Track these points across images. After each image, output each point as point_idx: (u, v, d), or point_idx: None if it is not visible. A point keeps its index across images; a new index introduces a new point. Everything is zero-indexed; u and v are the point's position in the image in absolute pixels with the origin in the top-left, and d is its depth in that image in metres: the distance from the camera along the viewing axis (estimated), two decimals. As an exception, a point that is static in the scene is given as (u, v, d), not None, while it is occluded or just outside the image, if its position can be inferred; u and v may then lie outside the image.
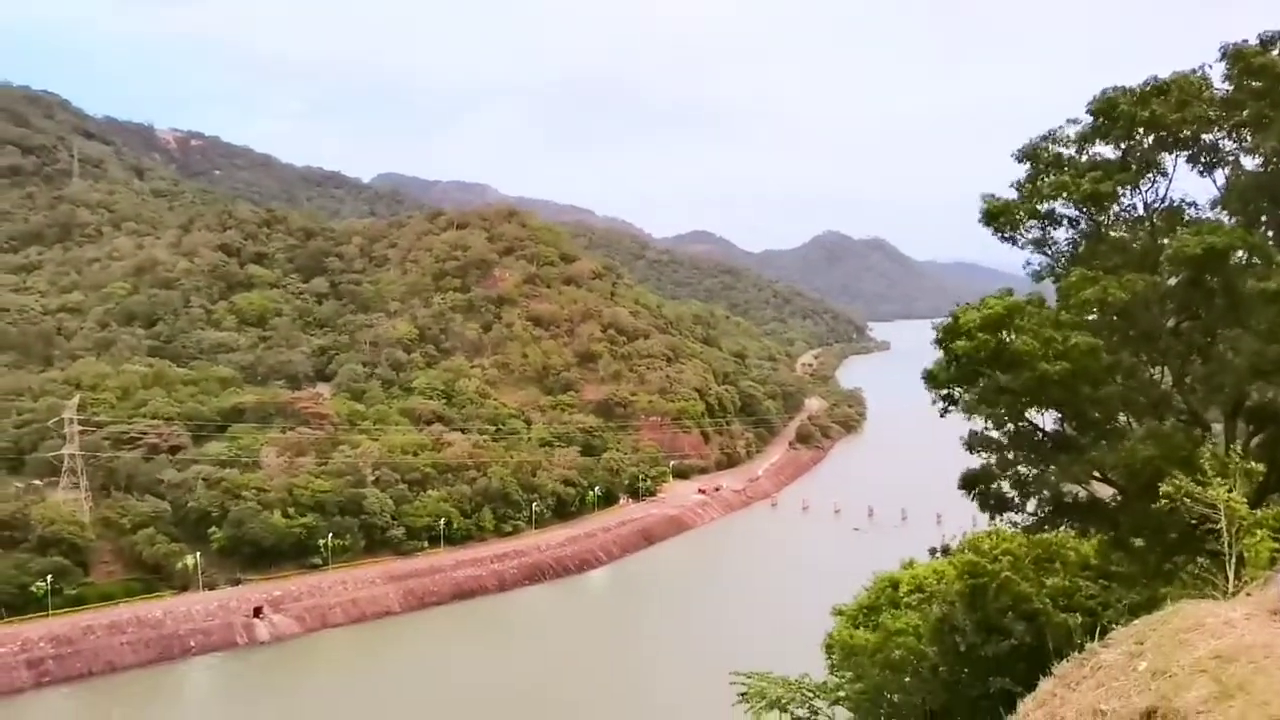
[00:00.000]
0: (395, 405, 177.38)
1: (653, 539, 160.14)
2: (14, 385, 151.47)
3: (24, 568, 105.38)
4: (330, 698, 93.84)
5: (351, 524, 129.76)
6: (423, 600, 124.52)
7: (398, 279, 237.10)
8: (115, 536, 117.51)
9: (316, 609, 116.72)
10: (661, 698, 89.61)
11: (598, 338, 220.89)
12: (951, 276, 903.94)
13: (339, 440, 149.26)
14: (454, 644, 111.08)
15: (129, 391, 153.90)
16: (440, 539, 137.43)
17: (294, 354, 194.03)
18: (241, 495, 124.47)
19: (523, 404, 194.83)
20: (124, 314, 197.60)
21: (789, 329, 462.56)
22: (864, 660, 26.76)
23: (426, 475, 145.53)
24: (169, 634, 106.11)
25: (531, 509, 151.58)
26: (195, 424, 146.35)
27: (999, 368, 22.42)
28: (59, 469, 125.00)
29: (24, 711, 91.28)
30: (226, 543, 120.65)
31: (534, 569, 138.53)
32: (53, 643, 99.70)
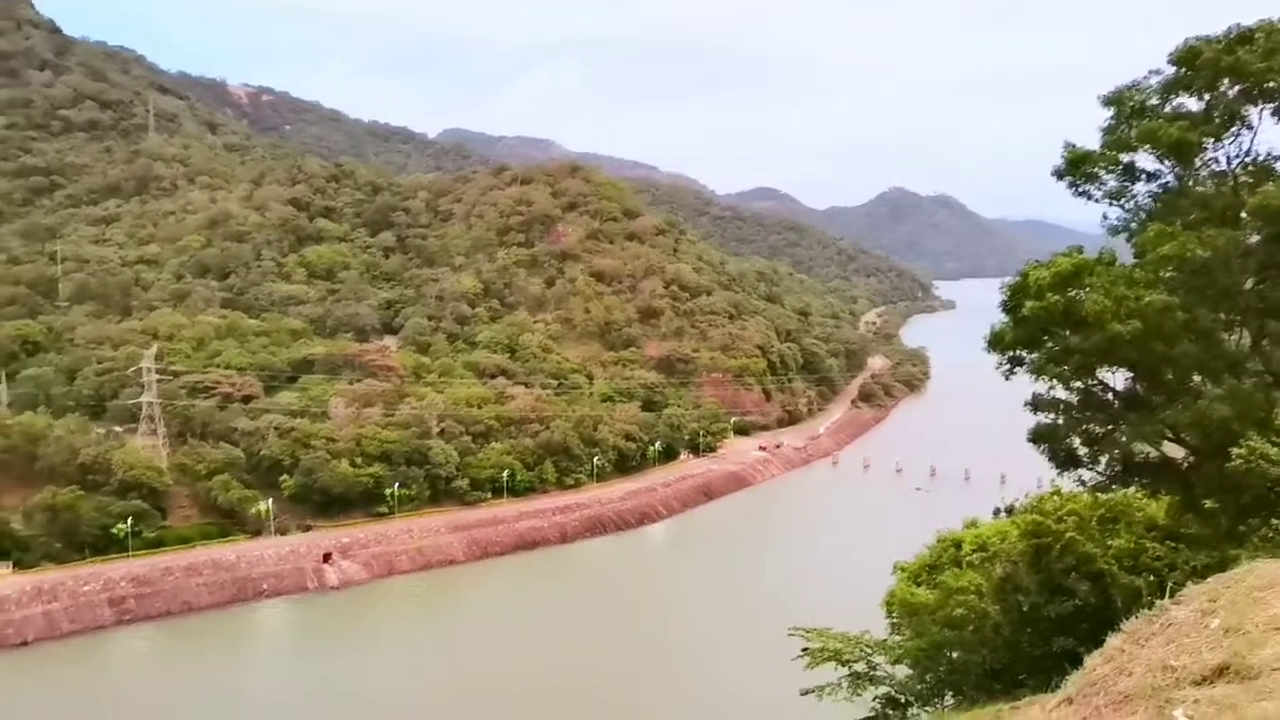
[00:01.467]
0: (460, 359, 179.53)
1: (713, 494, 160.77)
2: (95, 334, 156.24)
3: (105, 510, 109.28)
4: (398, 641, 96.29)
5: (417, 474, 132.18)
6: (486, 550, 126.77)
7: (463, 234, 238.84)
8: (191, 482, 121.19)
9: (383, 556, 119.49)
10: (720, 649, 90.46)
11: (660, 294, 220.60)
12: (1021, 234, 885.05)
13: (405, 392, 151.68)
14: (517, 593, 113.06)
15: (204, 342, 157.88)
16: (503, 491, 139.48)
17: (361, 307, 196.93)
18: (311, 444, 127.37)
19: (585, 359, 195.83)
20: (198, 266, 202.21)
21: (853, 287, 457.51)
22: (924, 618, 26.73)
23: (490, 428, 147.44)
24: (242, 577, 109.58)
25: (593, 463, 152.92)
26: (267, 374, 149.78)
27: (1068, 327, 22.00)
28: (138, 416, 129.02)
29: (108, 647, 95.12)
30: (297, 490, 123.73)
31: (595, 522, 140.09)
32: (133, 583, 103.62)
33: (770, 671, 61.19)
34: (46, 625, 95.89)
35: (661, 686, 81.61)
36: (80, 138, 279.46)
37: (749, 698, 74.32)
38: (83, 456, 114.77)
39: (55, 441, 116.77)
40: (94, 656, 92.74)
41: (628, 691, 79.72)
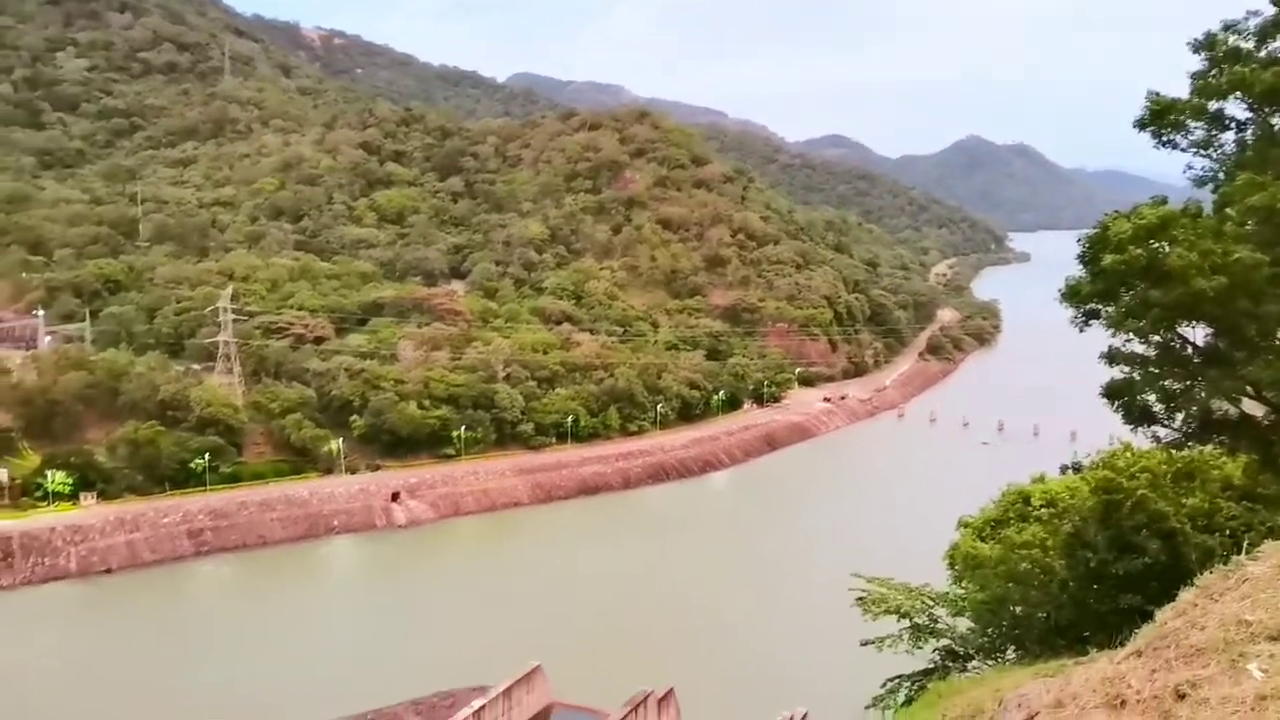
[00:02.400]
0: (526, 304, 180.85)
1: (775, 444, 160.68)
2: (174, 274, 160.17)
3: (184, 445, 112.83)
4: (464, 579, 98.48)
5: (483, 418, 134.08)
6: (550, 494, 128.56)
7: (530, 179, 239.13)
8: (265, 420, 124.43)
9: (450, 497, 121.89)
10: (780, 597, 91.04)
11: (727, 242, 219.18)
12: (1100, 185, 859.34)
13: (472, 337, 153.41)
14: (581, 535, 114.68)
15: (277, 283, 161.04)
16: (567, 436, 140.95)
17: (430, 251, 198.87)
18: (380, 386, 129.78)
19: (650, 307, 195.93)
20: (272, 209, 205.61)
21: (924, 237, 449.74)
22: (988, 572, 26.64)
23: (555, 373, 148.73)
24: (314, 513, 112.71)
25: (656, 410, 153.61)
26: (338, 316, 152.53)
27: (1149, 281, 21.48)
28: (215, 354, 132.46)
29: (187, 577, 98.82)
30: (366, 430, 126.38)
31: (657, 469, 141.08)
32: (210, 516, 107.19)
33: (830, 622, 61.58)
34: (129, 554, 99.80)
35: (720, 631, 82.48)
36: (159, 80, 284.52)
37: (807, 648, 74.84)
38: (163, 393, 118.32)
39: (137, 378, 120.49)
40: (175, 585, 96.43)
41: (681, 634, 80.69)
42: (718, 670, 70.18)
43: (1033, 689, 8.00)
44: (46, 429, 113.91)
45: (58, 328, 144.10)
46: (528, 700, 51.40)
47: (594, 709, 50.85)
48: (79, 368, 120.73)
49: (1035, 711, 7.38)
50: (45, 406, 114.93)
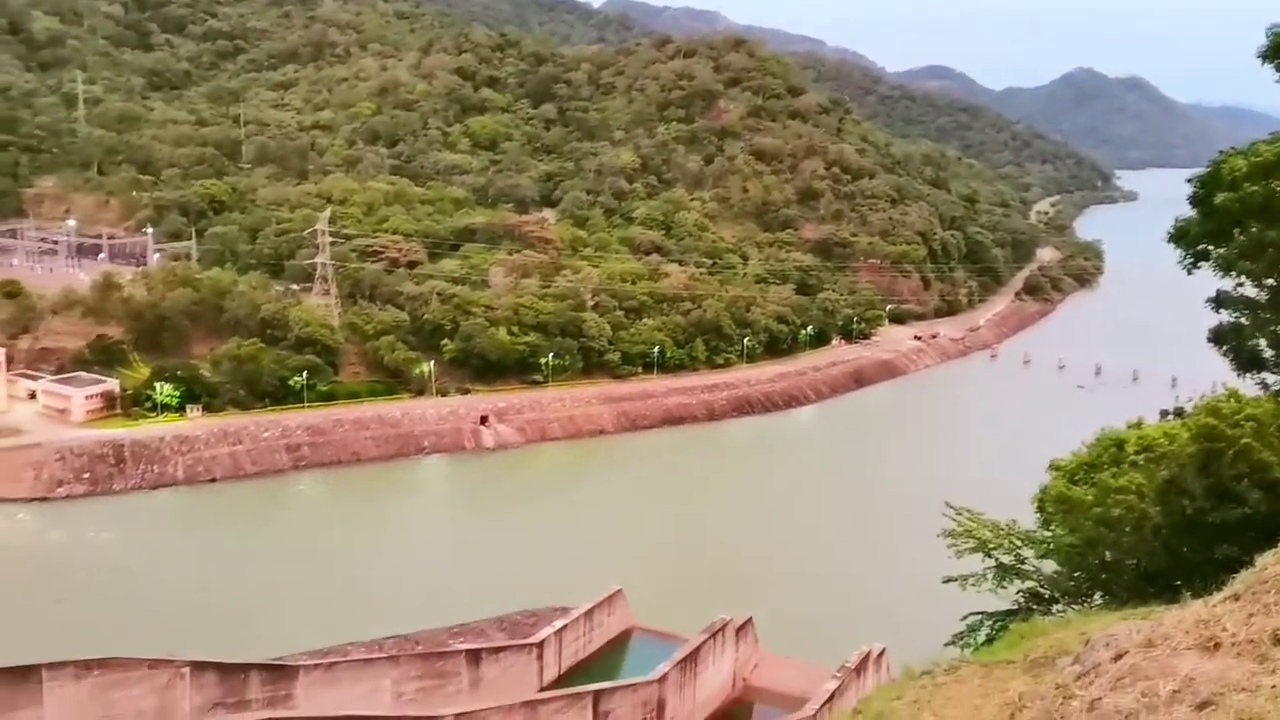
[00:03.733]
0: (616, 234, 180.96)
1: (863, 381, 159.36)
2: (275, 196, 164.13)
3: (283, 363, 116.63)
4: (549, 502, 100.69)
5: (571, 345, 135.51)
6: (635, 422, 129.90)
7: (623, 107, 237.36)
8: (360, 341, 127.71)
9: (536, 422, 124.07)
10: (861, 532, 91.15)
11: (820, 175, 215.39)
12: (1218, 121, 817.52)
13: (561, 265, 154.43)
14: (664, 465, 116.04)
15: (373, 207, 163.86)
16: (653, 366, 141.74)
17: (522, 179, 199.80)
18: (471, 311, 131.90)
19: (740, 239, 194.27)
20: (369, 133, 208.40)
21: (1026, 174, 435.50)
22: (1079, 515, 26.30)
23: (643, 304, 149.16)
24: (405, 433, 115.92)
25: (743, 343, 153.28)
26: (431, 241, 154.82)
27: (1264, 221, 20.66)
28: (312, 275, 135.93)
29: (285, 489, 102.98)
30: (457, 354, 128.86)
31: (742, 401, 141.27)
32: (307, 432, 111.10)
33: (910, 559, 61.53)
34: (232, 465, 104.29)
35: (800, 564, 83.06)
36: (260, 2, 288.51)
37: (887, 584, 75.04)
38: (263, 312, 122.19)
39: (239, 296, 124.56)
40: (274, 496, 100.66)
41: (762, 565, 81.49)
42: (797, 602, 70.88)
43: (1122, 629, 8.05)
44: (155, 343, 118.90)
45: (166, 245, 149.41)
46: (608, 623, 52.75)
47: (672, 634, 51.91)
48: (186, 285, 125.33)
49: (1124, 650, 7.44)
50: (154, 321, 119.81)
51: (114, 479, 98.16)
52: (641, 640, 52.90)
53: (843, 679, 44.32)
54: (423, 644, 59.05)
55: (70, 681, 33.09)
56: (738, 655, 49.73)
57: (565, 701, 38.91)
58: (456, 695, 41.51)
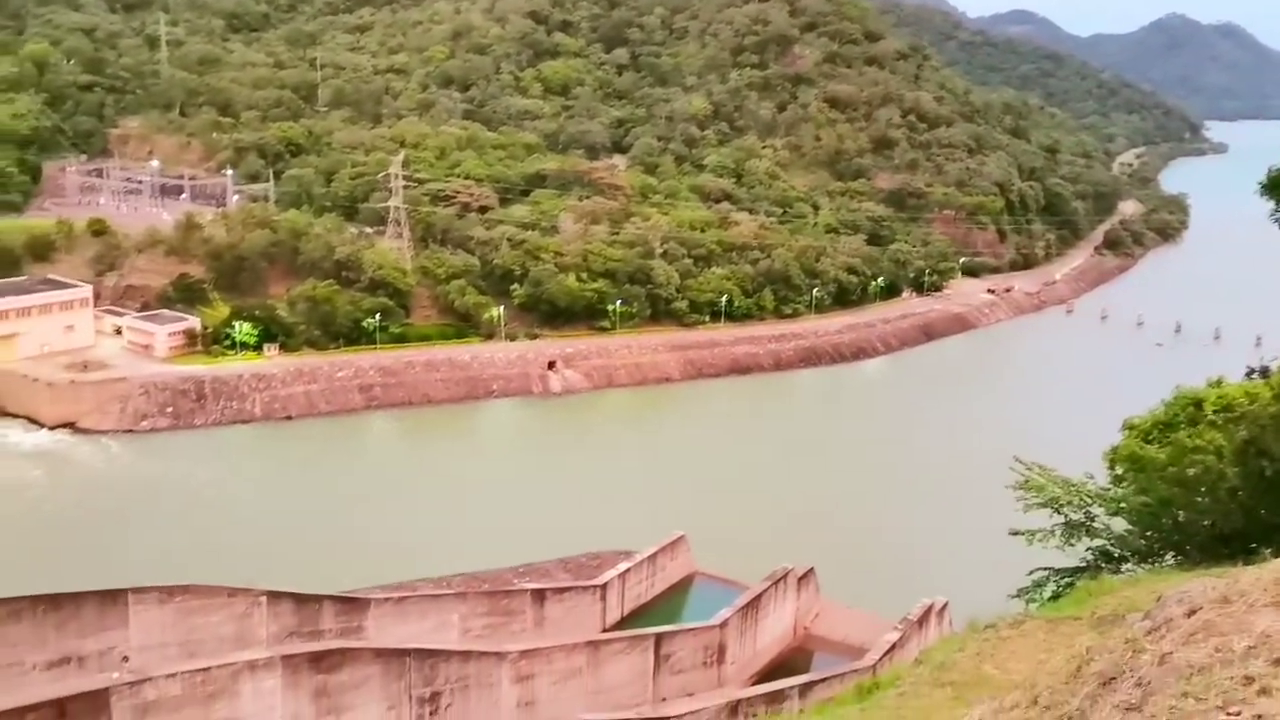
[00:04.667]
0: (686, 181, 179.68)
1: (933, 334, 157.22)
2: (350, 139, 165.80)
3: (357, 304, 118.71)
4: (614, 448, 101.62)
5: (638, 293, 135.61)
6: (701, 371, 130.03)
7: (696, 53, 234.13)
8: (431, 284, 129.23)
9: (603, 368, 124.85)
10: (927, 484, 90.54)
11: (896, 123, 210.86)
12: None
13: (631, 212, 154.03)
14: (729, 413, 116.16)
15: (445, 152, 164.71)
16: (721, 315, 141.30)
17: (593, 124, 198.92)
18: (540, 257, 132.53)
19: (811, 188, 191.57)
20: (442, 77, 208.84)
21: (1110, 124, 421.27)
22: (1152, 474, 25.87)
23: (711, 252, 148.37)
24: (474, 376, 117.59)
25: (812, 294, 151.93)
26: (501, 186, 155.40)
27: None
28: (386, 219, 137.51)
29: (358, 428, 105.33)
30: (526, 300, 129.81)
31: (809, 352, 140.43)
32: (380, 373, 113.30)
33: (976, 514, 61.05)
34: (307, 404, 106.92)
35: (864, 515, 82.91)
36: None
37: (951, 537, 74.61)
38: (338, 254, 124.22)
39: (315, 238, 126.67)
40: (348, 434, 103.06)
41: (825, 515, 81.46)
42: (859, 553, 70.91)
43: (1196, 586, 8.00)
44: (234, 283, 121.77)
45: (244, 187, 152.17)
46: (671, 567, 53.44)
47: (734, 581, 52.42)
48: (263, 226, 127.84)
49: (1198, 606, 7.41)
50: (233, 261, 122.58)
51: (195, 414, 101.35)
52: (703, 586, 53.54)
53: (904, 630, 44.46)
54: (489, 582, 60.48)
55: (154, 605, 34.46)
56: (799, 604, 50.11)
57: (628, 643, 39.63)
58: (521, 633, 42.51)
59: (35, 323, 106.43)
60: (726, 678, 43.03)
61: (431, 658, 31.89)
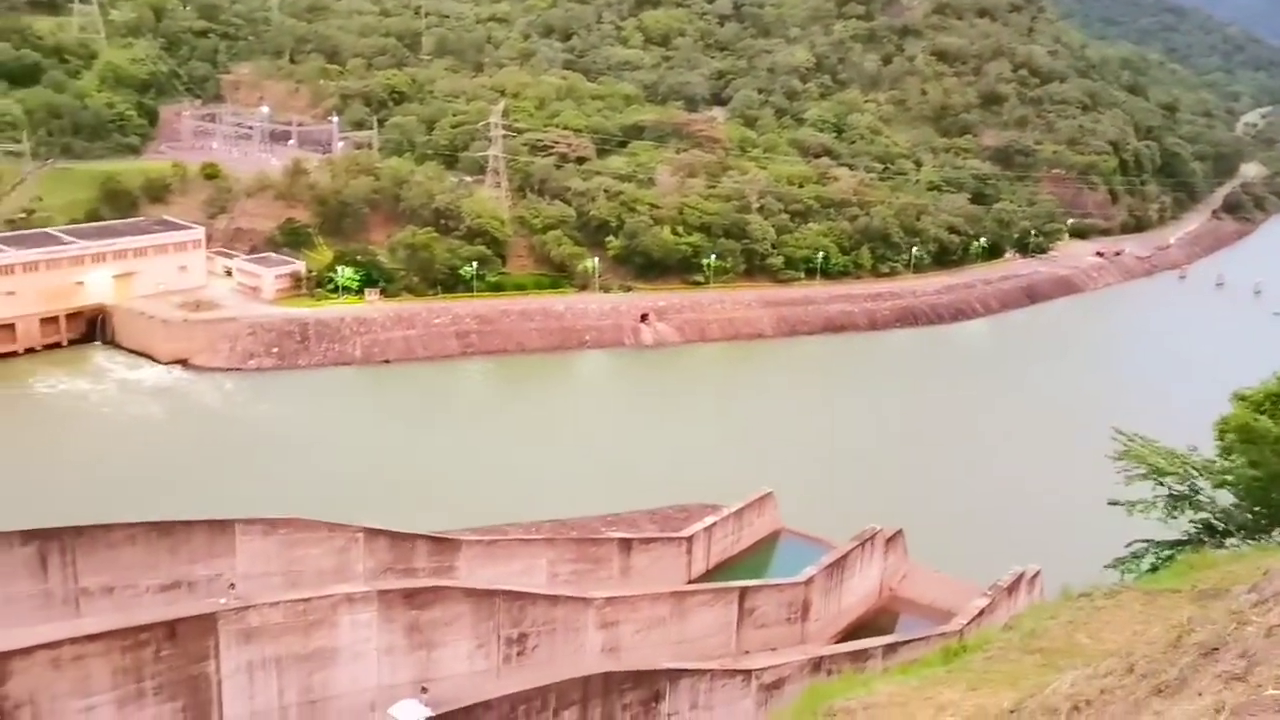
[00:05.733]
0: (785, 135, 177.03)
1: (1036, 297, 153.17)
2: (451, 88, 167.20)
3: (455, 252, 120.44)
4: (704, 402, 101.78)
5: (733, 247, 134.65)
6: (794, 328, 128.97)
7: (799, 3, 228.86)
8: (528, 234, 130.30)
9: (695, 322, 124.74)
10: (1023, 450, 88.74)
11: (1006, 78, 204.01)
12: None
13: (728, 165, 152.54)
14: (822, 372, 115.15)
15: (545, 102, 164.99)
16: (816, 272, 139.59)
17: (693, 75, 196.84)
18: (636, 209, 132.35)
19: (914, 144, 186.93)
20: (543, 26, 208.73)
21: (1235, 81, 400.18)
22: (1264, 448, 24.99)
23: (809, 208, 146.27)
24: (568, 326, 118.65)
25: (911, 253, 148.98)
26: (599, 137, 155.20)
27: None
28: (485, 168, 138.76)
29: (454, 373, 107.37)
30: (621, 251, 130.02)
31: (906, 312, 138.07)
32: (476, 320, 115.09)
33: (1073, 481, 59.71)
34: (405, 349, 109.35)
35: (957, 478, 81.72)
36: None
37: (1047, 505, 73.14)
38: (438, 202, 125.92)
39: (416, 186, 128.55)
40: (445, 379, 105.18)
41: (916, 477, 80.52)
42: (949, 518, 69.98)
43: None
44: (338, 227, 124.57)
45: (349, 134, 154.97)
46: (758, 523, 53.60)
47: (821, 539, 52.37)
48: (367, 173, 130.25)
49: (1308, 579, 7.21)
50: (337, 207, 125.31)
51: (299, 355, 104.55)
52: (790, 543, 53.62)
53: (993, 597, 43.94)
54: (577, 530, 61.40)
55: (259, 537, 35.95)
56: (886, 565, 49.87)
57: (712, 595, 39.97)
58: (607, 580, 43.22)
59: (152, 262, 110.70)
60: (810, 635, 43.13)
61: (520, 600, 32.63)
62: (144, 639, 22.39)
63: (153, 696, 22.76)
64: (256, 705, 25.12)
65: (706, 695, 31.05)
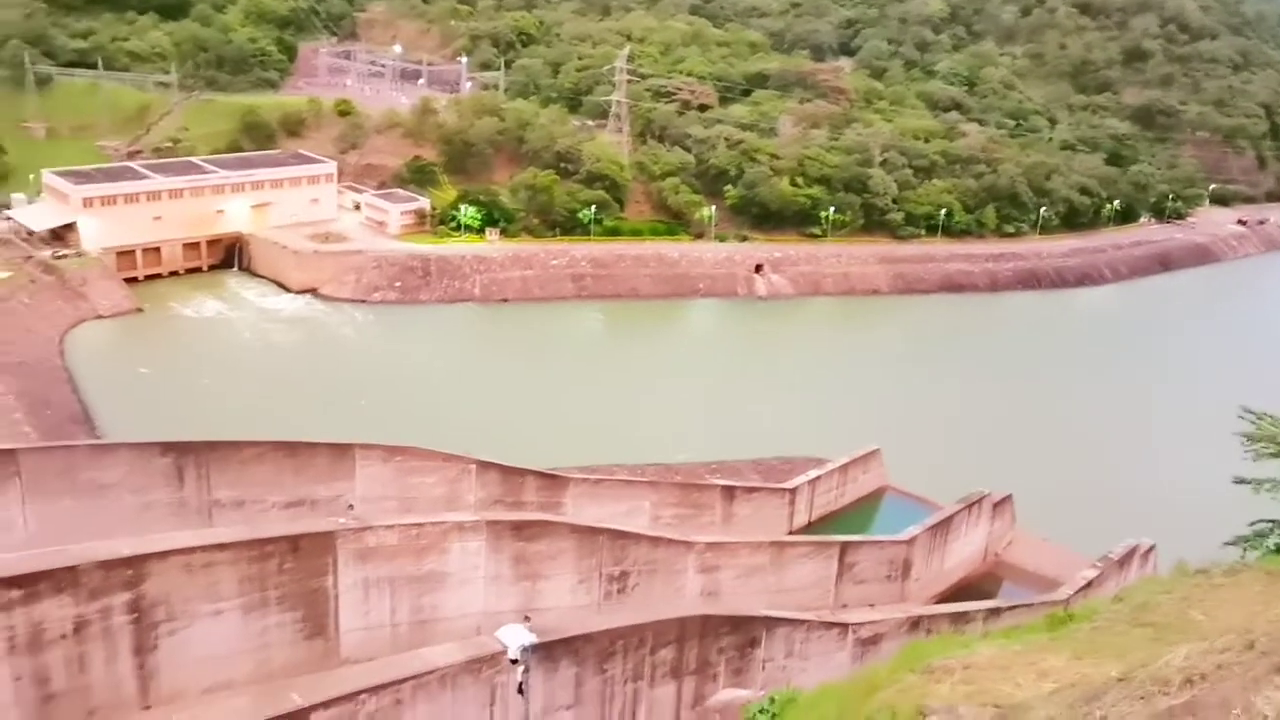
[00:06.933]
0: (913, 88, 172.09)
1: (1169, 265, 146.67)
2: (578, 31, 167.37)
3: (574, 196, 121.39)
4: (815, 356, 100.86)
5: (853, 201, 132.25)
6: (910, 286, 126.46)
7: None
8: (646, 180, 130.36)
9: (810, 276, 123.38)
10: (1144, 423, 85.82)
11: (1153, 33, 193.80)
12: None
13: (852, 117, 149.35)
14: (936, 331, 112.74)
15: (670, 47, 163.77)
16: (938, 229, 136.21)
17: (821, 24, 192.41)
18: (756, 159, 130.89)
19: (1049, 100, 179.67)
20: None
21: None
22: None
23: (934, 163, 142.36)
24: (682, 274, 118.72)
25: (1038, 213, 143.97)
26: (722, 85, 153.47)
27: None
28: (607, 113, 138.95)
29: (569, 315, 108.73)
30: (738, 201, 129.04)
31: (1029, 275, 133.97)
32: (591, 264, 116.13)
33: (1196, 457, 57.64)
34: (522, 289, 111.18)
35: (1071, 447, 79.56)
36: None
37: (1165, 479, 70.81)
38: (559, 145, 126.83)
39: (539, 128, 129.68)
40: (559, 321, 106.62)
41: (1029, 444, 78.63)
42: (1063, 486, 68.30)
43: None
44: (462, 167, 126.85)
45: (477, 74, 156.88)
46: (862, 480, 53.27)
47: (926, 499, 51.80)
48: (492, 114, 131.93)
49: None
50: (462, 146, 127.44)
51: (420, 290, 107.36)
52: (894, 501, 53.18)
53: (1103, 569, 42.99)
54: (681, 475, 62.09)
55: (378, 462, 37.37)
56: (992, 530, 49.13)
57: (812, 547, 40.05)
58: (709, 526, 43.69)
59: (286, 194, 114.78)
60: (909, 594, 42.90)
61: (623, 539, 33.26)
62: (269, 551, 23.66)
63: (275, 606, 24.09)
64: (369, 621, 26.36)
65: (802, 645, 31.31)
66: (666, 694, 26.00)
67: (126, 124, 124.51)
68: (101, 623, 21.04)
